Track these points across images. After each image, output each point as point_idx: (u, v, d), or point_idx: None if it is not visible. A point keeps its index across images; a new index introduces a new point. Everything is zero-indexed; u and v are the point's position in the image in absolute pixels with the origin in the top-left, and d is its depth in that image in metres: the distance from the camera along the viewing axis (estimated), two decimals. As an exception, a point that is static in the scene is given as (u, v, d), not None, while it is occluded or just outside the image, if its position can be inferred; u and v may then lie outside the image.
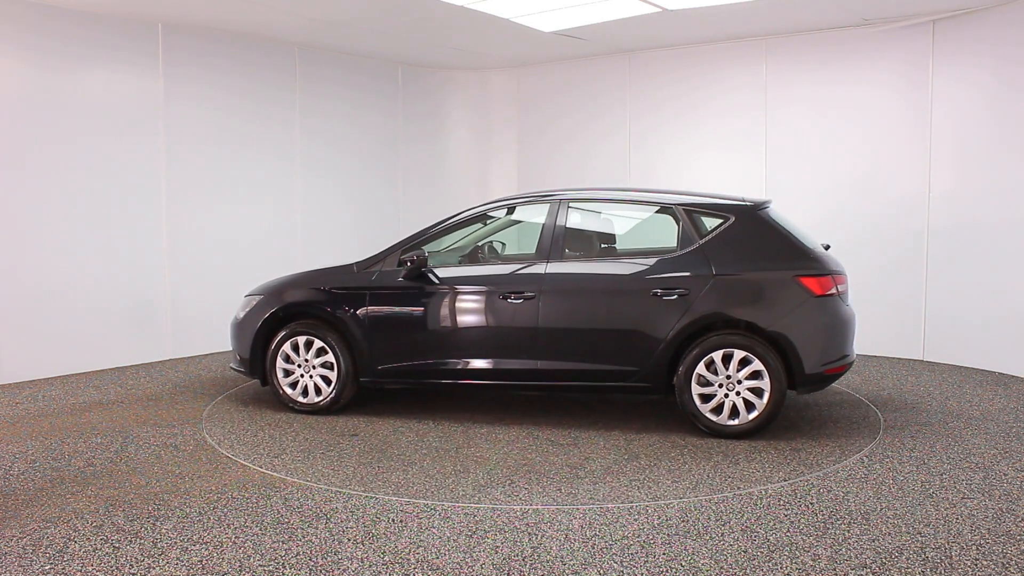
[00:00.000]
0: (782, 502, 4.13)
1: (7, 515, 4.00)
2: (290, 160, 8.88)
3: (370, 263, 5.92)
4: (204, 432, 5.46)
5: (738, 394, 5.18)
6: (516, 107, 10.29)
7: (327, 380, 5.88)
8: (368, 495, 4.25)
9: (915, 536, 3.70)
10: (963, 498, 4.16)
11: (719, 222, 5.39)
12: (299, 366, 5.94)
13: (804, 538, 3.68)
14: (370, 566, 3.42)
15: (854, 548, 3.57)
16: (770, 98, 8.41)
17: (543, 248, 5.62)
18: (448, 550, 3.58)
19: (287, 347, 5.93)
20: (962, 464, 4.71)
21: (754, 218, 5.37)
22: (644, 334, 5.29)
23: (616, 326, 5.38)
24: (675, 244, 5.44)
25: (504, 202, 6.06)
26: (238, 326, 6.17)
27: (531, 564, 3.44)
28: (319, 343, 5.86)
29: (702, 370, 5.20)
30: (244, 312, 6.15)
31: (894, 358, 7.83)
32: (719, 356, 5.17)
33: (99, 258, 7.37)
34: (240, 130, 8.39)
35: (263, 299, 6.07)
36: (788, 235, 5.34)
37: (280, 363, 5.96)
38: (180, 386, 6.81)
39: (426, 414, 5.92)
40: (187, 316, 8.02)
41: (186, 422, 5.70)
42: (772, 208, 5.55)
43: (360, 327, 5.78)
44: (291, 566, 3.42)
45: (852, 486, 4.35)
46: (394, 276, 5.78)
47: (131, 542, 3.67)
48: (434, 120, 10.39)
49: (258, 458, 4.93)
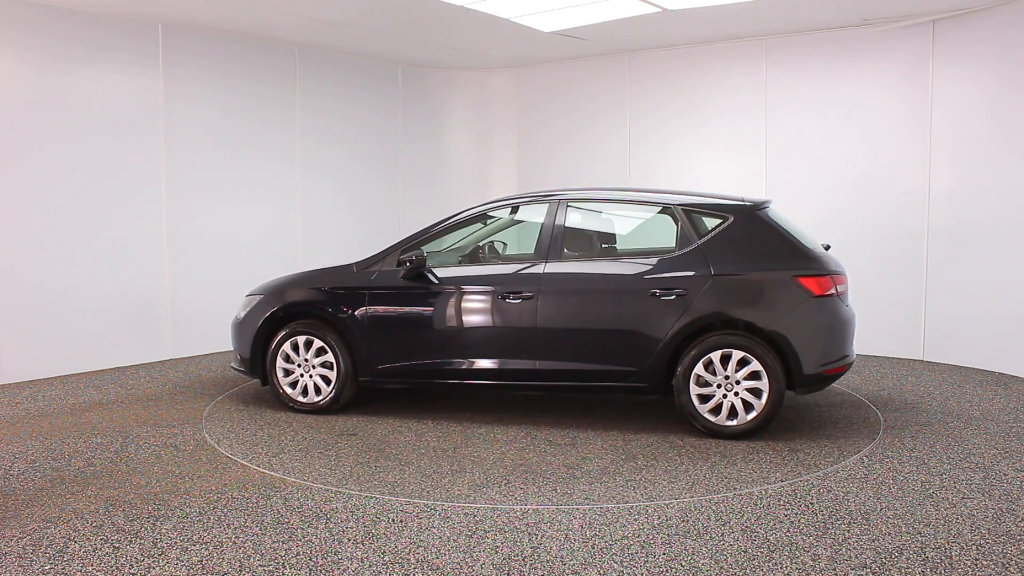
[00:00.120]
0: (782, 502, 4.13)
1: (7, 515, 4.00)
2: (290, 160, 8.88)
3: (369, 263, 5.92)
4: (204, 432, 5.46)
5: (736, 394, 5.17)
6: (516, 107, 10.29)
7: (327, 380, 5.89)
8: (368, 495, 4.26)
9: (915, 536, 3.70)
10: (963, 498, 4.16)
11: (718, 222, 5.38)
12: (299, 366, 5.95)
13: (804, 538, 3.68)
14: (370, 566, 3.42)
15: (854, 548, 3.57)
16: (770, 98, 8.41)
17: (542, 248, 5.62)
18: (448, 550, 3.58)
19: (287, 347, 5.94)
20: (962, 464, 4.71)
21: (753, 218, 5.37)
22: (642, 334, 5.29)
23: (614, 326, 5.37)
24: (674, 244, 5.43)
25: (503, 202, 6.07)
26: (238, 326, 6.18)
27: (531, 564, 3.44)
28: (319, 343, 5.86)
29: (700, 370, 5.19)
30: (244, 312, 6.15)
31: (894, 358, 7.83)
32: (717, 356, 5.17)
33: (99, 258, 7.37)
34: (240, 130, 8.39)
35: (263, 299, 6.08)
36: (787, 235, 5.33)
37: (280, 363, 5.96)
38: (180, 386, 6.81)
39: (425, 414, 5.92)
40: (187, 316, 8.02)
41: (186, 422, 5.70)
42: (772, 208, 5.54)
43: (359, 327, 5.78)
44: (291, 566, 3.43)
45: (852, 486, 4.35)
46: (393, 276, 5.78)
47: (131, 542, 3.67)
48: (434, 120, 10.39)
49: (257, 457, 4.93)
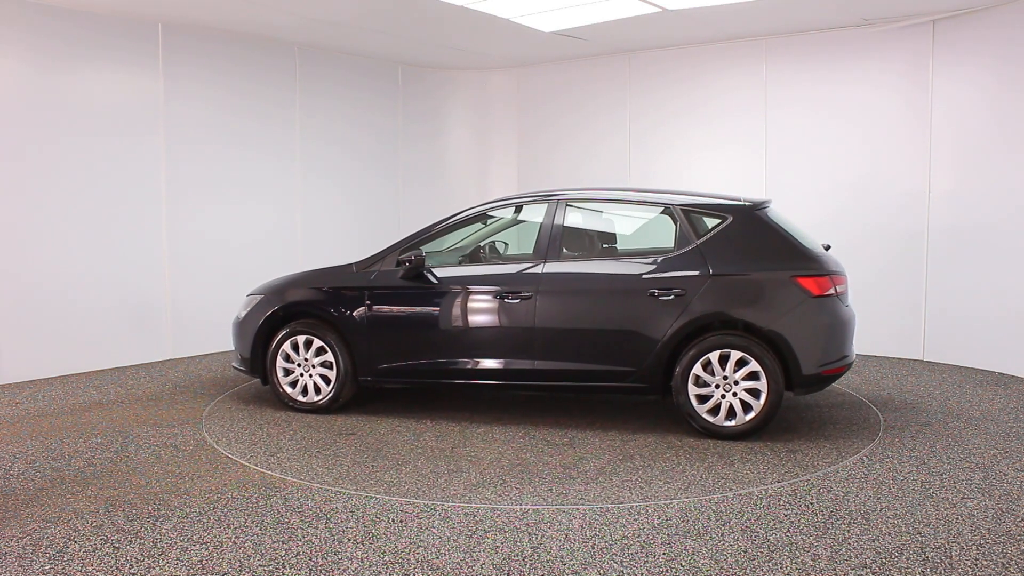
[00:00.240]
0: (782, 502, 4.13)
1: (7, 515, 4.00)
2: (290, 160, 8.88)
3: (369, 263, 5.92)
4: (204, 432, 5.46)
5: (735, 395, 5.16)
6: (516, 107, 10.29)
7: (326, 379, 5.89)
8: (368, 495, 4.25)
9: (915, 536, 3.70)
10: (963, 498, 4.16)
11: (717, 222, 5.37)
12: (299, 365, 5.95)
13: (804, 538, 3.68)
14: (370, 566, 3.42)
15: (854, 548, 3.57)
16: (770, 98, 8.41)
17: (540, 248, 5.62)
18: (448, 550, 3.58)
19: (287, 346, 5.94)
20: (962, 464, 4.71)
21: (752, 218, 5.35)
22: (641, 334, 5.28)
23: (613, 326, 5.36)
24: (672, 244, 5.42)
25: (502, 202, 6.06)
26: (239, 325, 6.18)
27: (531, 564, 3.44)
28: (319, 342, 5.87)
29: (699, 371, 5.18)
30: (245, 312, 6.16)
31: (894, 358, 7.83)
32: (716, 357, 5.15)
33: (99, 258, 7.37)
34: (240, 130, 8.39)
35: (263, 299, 6.09)
36: (786, 235, 5.32)
37: (280, 362, 5.97)
38: (180, 386, 6.81)
39: (424, 413, 5.92)
40: (187, 316, 8.02)
41: (186, 422, 5.70)
42: (771, 208, 5.53)
43: (359, 327, 5.78)
44: (291, 566, 3.43)
45: (852, 486, 4.35)
46: (392, 276, 5.78)
47: (131, 542, 3.67)
48: (434, 120, 10.39)
49: (255, 456, 4.93)
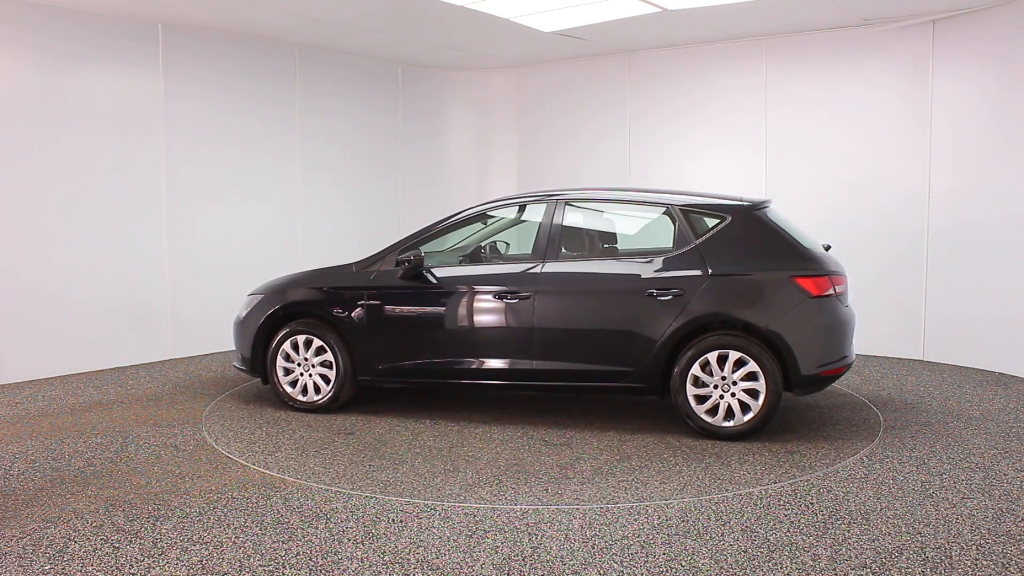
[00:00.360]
0: (782, 502, 4.13)
1: (7, 515, 4.00)
2: (290, 160, 8.88)
3: (368, 263, 5.92)
4: (204, 432, 5.46)
5: (733, 395, 5.14)
6: (516, 107, 10.29)
7: (326, 379, 5.89)
8: (368, 495, 4.25)
9: (915, 536, 3.70)
10: (963, 498, 4.16)
11: (716, 222, 5.36)
12: (299, 365, 5.95)
13: (804, 538, 3.68)
14: (370, 566, 3.42)
15: (854, 548, 3.57)
16: (770, 98, 8.41)
17: (539, 248, 5.61)
18: (448, 550, 3.58)
19: (287, 346, 5.95)
20: (962, 464, 4.71)
21: (751, 218, 5.34)
22: (639, 334, 5.26)
23: (611, 326, 5.35)
24: (671, 244, 5.41)
25: (501, 202, 6.05)
26: (240, 325, 6.19)
27: (531, 564, 3.44)
28: (318, 342, 5.87)
29: (697, 371, 5.17)
30: (246, 311, 6.17)
31: (894, 358, 7.83)
32: (714, 357, 5.14)
33: (99, 258, 7.37)
34: (240, 130, 8.39)
35: (264, 298, 6.09)
36: (785, 235, 5.30)
37: (280, 362, 5.97)
38: (180, 386, 6.81)
39: (424, 413, 5.92)
40: (187, 316, 8.02)
41: (186, 422, 5.70)
42: (771, 208, 5.52)
43: (358, 326, 5.78)
44: (291, 566, 3.42)
45: (852, 486, 4.35)
46: (392, 276, 5.78)
47: (131, 542, 3.67)
48: (434, 120, 10.39)
49: (252, 456, 4.94)
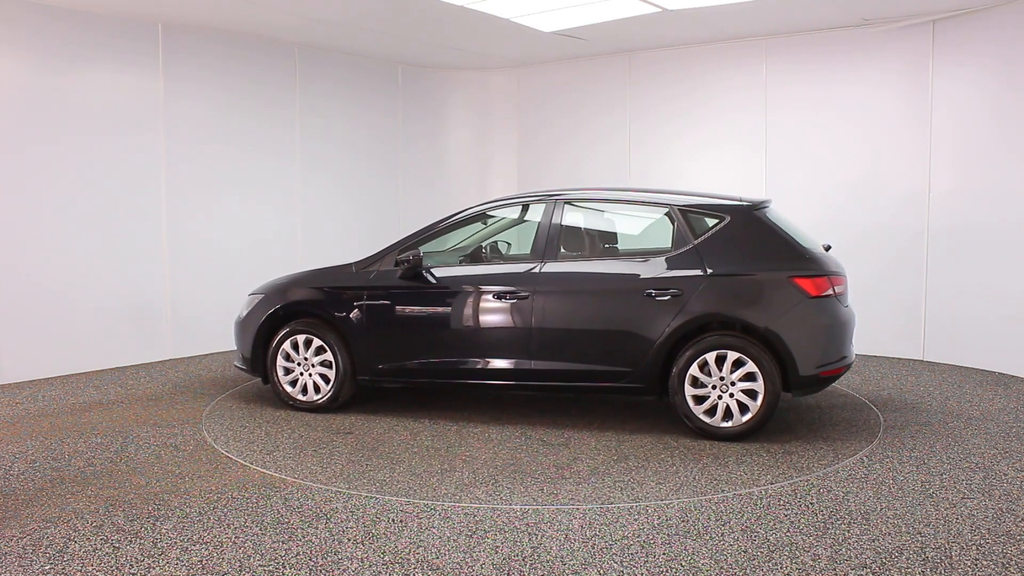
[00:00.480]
0: (782, 502, 4.13)
1: (7, 515, 4.00)
2: (290, 160, 8.88)
3: (368, 263, 5.92)
4: (204, 432, 5.46)
5: (732, 396, 5.13)
6: (516, 107, 10.29)
7: (326, 378, 5.90)
8: (368, 495, 4.25)
9: (915, 536, 3.70)
10: (963, 498, 4.16)
11: (715, 222, 5.35)
12: (299, 364, 5.96)
13: (804, 538, 3.68)
14: (370, 566, 3.42)
15: (854, 548, 3.57)
16: (770, 98, 8.41)
17: (538, 248, 5.61)
18: (448, 550, 3.58)
19: (287, 346, 5.95)
20: (962, 464, 4.71)
21: (750, 218, 5.33)
22: (637, 335, 5.25)
23: (610, 326, 5.35)
24: (670, 244, 5.41)
25: (500, 202, 6.05)
26: (241, 325, 6.20)
27: (531, 564, 3.44)
28: (318, 342, 5.87)
29: (695, 371, 5.15)
30: (247, 311, 6.18)
31: (894, 358, 7.83)
32: (712, 357, 5.12)
33: (99, 258, 7.37)
34: (240, 130, 8.39)
35: (264, 298, 6.10)
36: (784, 235, 5.29)
37: (280, 361, 5.98)
38: (180, 386, 6.81)
39: (423, 413, 5.92)
40: (187, 316, 8.02)
41: (186, 422, 5.70)
42: (771, 208, 5.51)
43: (357, 326, 5.78)
44: (291, 566, 3.43)
45: (852, 486, 4.35)
46: (391, 276, 5.78)
47: (131, 542, 3.67)
48: (434, 120, 10.39)
49: (250, 455, 4.94)
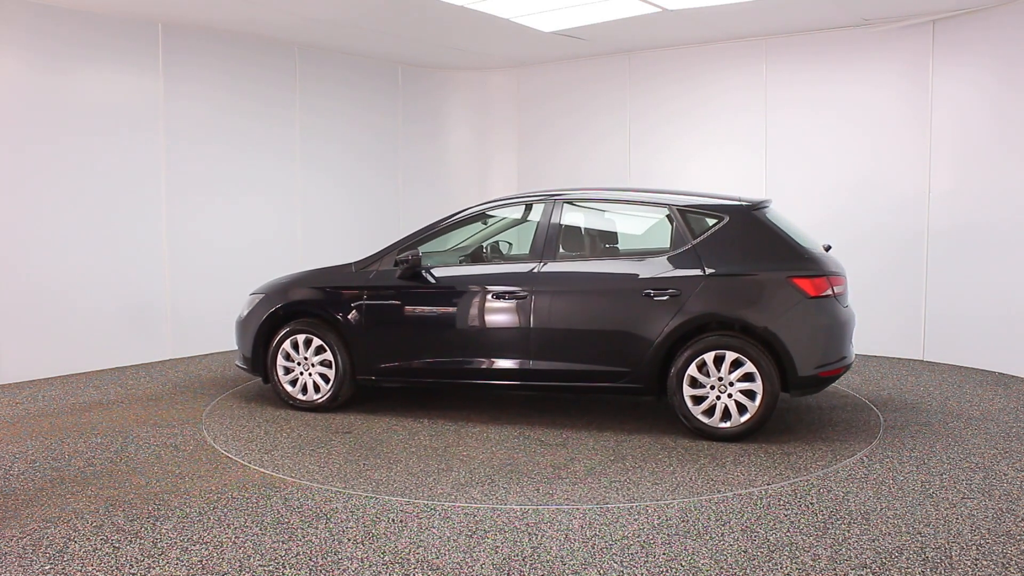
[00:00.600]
0: (782, 502, 4.13)
1: (7, 515, 4.00)
2: (290, 160, 8.88)
3: (368, 263, 5.93)
4: (204, 432, 5.46)
5: (730, 396, 5.12)
6: (516, 107, 10.29)
7: (326, 378, 5.90)
8: (367, 495, 4.26)
9: (915, 536, 3.70)
10: (963, 498, 4.16)
11: (713, 222, 5.34)
12: (299, 364, 5.96)
13: (804, 538, 3.68)
14: (370, 566, 3.42)
15: (854, 548, 3.57)
16: (770, 98, 8.41)
17: (536, 248, 5.61)
18: (448, 550, 3.58)
19: (287, 345, 5.95)
20: (962, 464, 4.71)
21: (749, 218, 5.32)
22: (636, 335, 5.24)
23: (608, 326, 5.34)
24: (668, 244, 5.40)
25: (499, 203, 6.05)
26: (241, 324, 6.21)
27: (531, 564, 3.44)
28: (318, 341, 5.88)
29: (694, 372, 5.14)
30: (247, 311, 6.19)
31: (894, 358, 7.83)
32: (711, 358, 5.11)
33: (99, 258, 7.37)
34: (240, 129, 8.39)
35: (264, 298, 6.11)
36: (783, 235, 5.27)
37: (281, 361, 5.99)
38: (180, 386, 6.81)
39: (422, 412, 5.92)
40: (187, 316, 8.02)
41: (186, 422, 5.70)
42: (771, 208, 5.50)
43: (357, 326, 5.79)
44: (291, 566, 3.43)
45: (852, 486, 4.35)
46: (390, 276, 5.79)
47: (131, 542, 3.67)
48: (434, 120, 10.39)
49: (250, 455, 4.94)
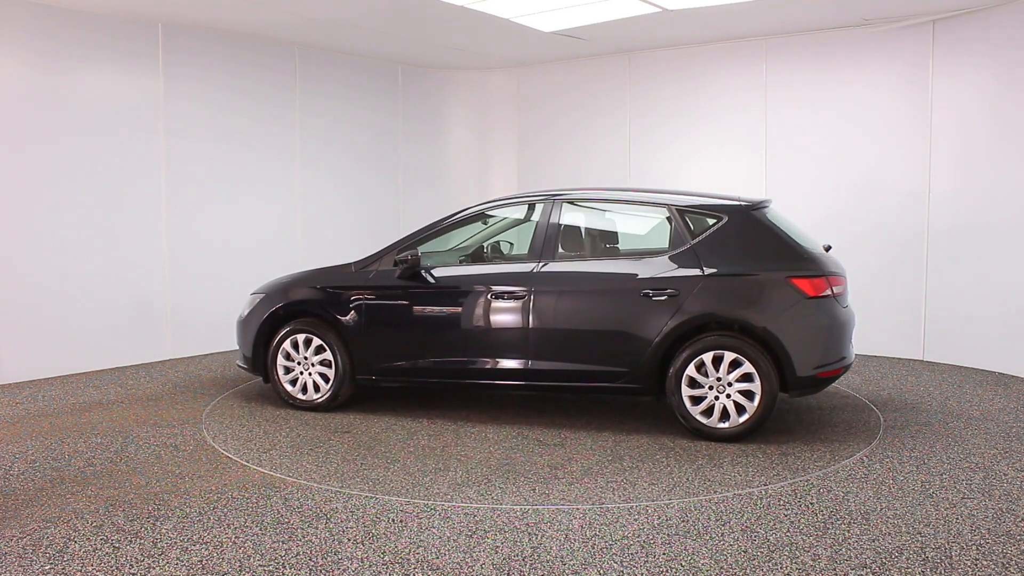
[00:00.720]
0: (782, 502, 4.13)
1: (7, 515, 4.00)
2: (290, 160, 8.88)
3: (367, 263, 5.93)
4: (204, 432, 5.46)
5: (728, 396, 5.11)
6: (516, 107, 10.29)
7: (325, 378, 5.90)
8: (367, 495, 4.26)
9: (915, 536, 3.70)
10: (963, 498, 4.16)
11: (713, 222, 5.33)
12: (299, 364, 5.96)
13: (804, 538, 3.68)
14: (370, 566, 3.42)
15: (854, 548, 3.57)
16: (770, 98, 8.41)
17: (535, 248, 5.60)
18: (448, 550, 3.58)
19: (287, 345, 5.96)
20: (962, 464, 4.71)
21: (748, 218, 5.31)
22: (634, 335, 5.24)
23: (606, 327, 5.33)
24: (667, 244, 5.40)
25: (499, 203, 6.05)
26: (242, 324, 6.22)
27: (531, 564, 3.44)
28: (318, 341, 5.88)
29: (692, 372, 5.13)
30: (248, 310, 6.20)
31: (894, 358, 7.83)
32: (709, 358, 5.10)
33: (99, 258, 7.37)
34: (240, 129, 8.39)
35: (265, 297, 6.11)
36: (782, 235, 5.26)
37: (281, 360, 5.99)
38: (180, 386, 6.81)
39: (421, 412, 5.93)
40: (187, 316, 8.02)
41: (186, 422, 5.70)
42: (770, 208, 5.49)
43: (356, 326, 5.79)
44: (291, 566, 3.43)
45: (852, 486, 4.35)
46: (390, 276, 5.79)
47: (131, 542, 3.67)
48: (434, 120, 10.39)
49: (250, 454, 4.94)
